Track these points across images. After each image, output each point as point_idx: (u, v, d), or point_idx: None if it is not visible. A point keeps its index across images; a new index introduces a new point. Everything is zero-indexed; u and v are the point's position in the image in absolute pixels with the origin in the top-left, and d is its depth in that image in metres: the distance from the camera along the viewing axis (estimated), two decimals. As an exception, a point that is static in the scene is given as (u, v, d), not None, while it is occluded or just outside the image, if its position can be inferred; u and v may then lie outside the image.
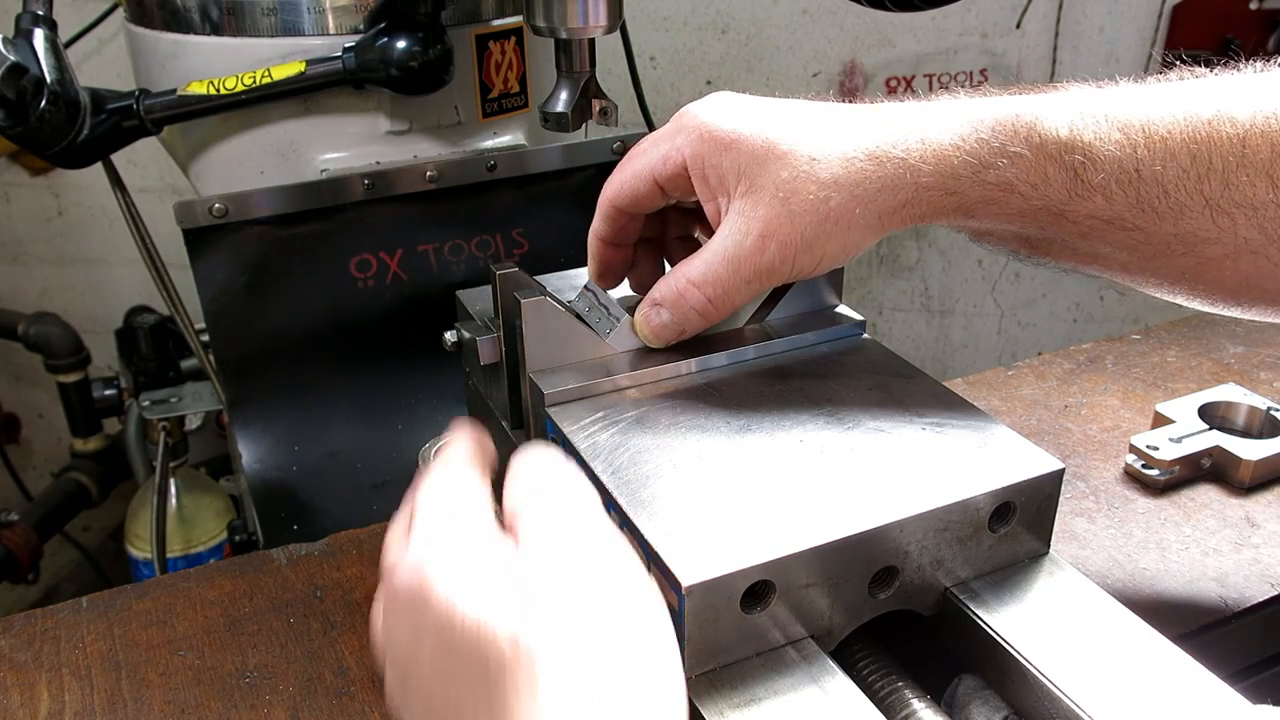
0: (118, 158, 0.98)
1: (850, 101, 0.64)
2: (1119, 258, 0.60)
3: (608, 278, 0.70)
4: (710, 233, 0.63)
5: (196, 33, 0.92)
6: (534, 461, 0.50)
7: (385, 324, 1.01)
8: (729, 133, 0.61)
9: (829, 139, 0.60)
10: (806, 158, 0.59)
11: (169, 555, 1.32)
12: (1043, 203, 0.58)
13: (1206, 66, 0.60)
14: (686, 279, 0.63)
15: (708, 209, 0.63)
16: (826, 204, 0.59)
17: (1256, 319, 0.62)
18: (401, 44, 0.88)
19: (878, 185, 0.59)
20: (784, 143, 0.60)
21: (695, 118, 0.62)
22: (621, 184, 0.66)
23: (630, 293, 0.72)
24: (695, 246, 0.65)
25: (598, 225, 0.68)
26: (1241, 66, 0.59)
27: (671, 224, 0.72)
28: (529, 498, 0.48)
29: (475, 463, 0.51)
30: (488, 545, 0.46)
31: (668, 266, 0.71)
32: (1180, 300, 0.63)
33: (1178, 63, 0.61)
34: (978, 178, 0.58)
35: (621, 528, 0.54)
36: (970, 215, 0.60)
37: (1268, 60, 0.59)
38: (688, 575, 0.49)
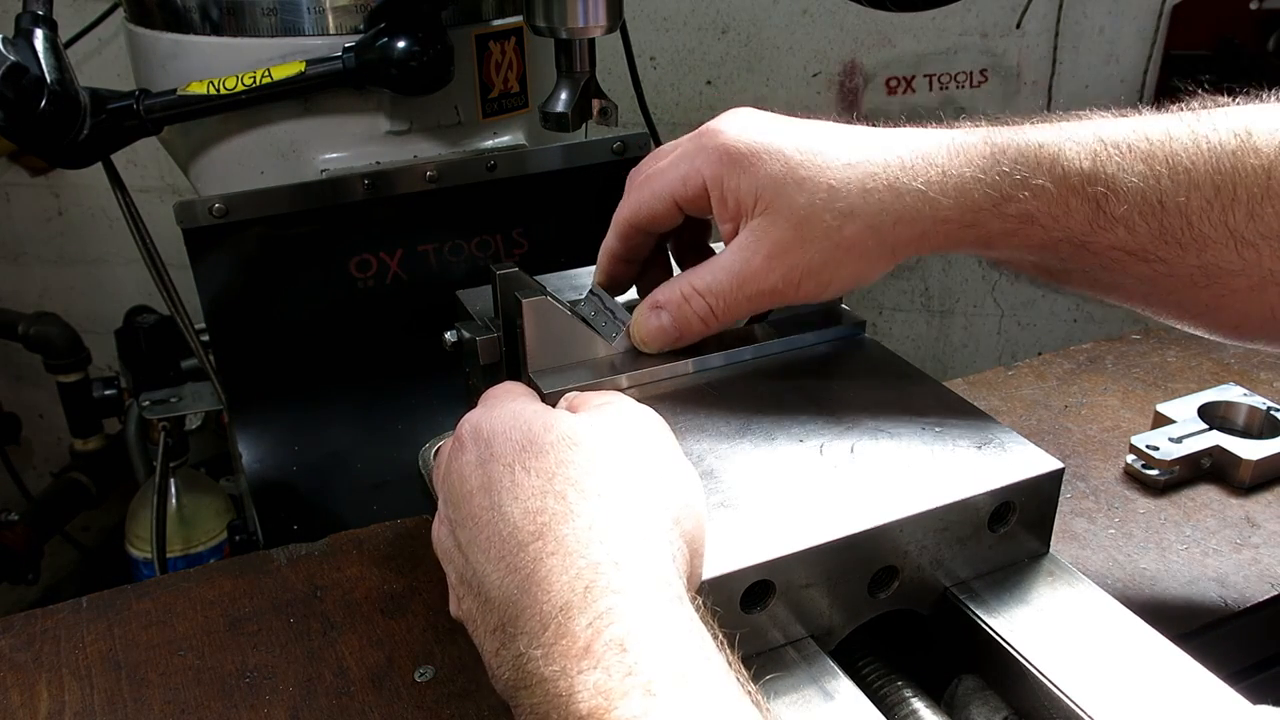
0: (118, 158, 0.98)
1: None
2: (1140, 289, 0.60)
3: (614, 287, 0.70)
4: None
5: (196, 33, 0.92)
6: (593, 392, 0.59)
7: (385, 324, 1.01)
8: (748, 154, 0.60)
9: (849, 166, 0.59)
10: (825, 186, 0.59)
11: (169, 555, 1.32)
12: (1063, 234, 0.57)
13: (1229, 95, 0.59)
14: (691, 285, 0.63)
15: (724, 230, 0.63)
16: (840, 233, 0.59)
17: None
18: (402, 44, 0.88)
19: (894, 218, 0.58)
20: (804, 168, 0.59)
21: (715, 137, 0.62)
22: (640, 204, 0.65)
23: (635, 296, 0.72)
24: (705, 253, 0.65)
25: (612, 243, 0.68)
26: (1264, 95, 0.58)
27: (687, 232, 0.71)
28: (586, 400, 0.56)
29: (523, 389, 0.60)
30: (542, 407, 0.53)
31: (675, 270, 0.71)
32: (1202, 333, 0.62)
33: (1200, 91, 0.60)
34: (998, 210, 0.58)
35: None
36: (989, 246, 0.60)
37: None
38: (688, 575, 0.49)
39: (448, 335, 0.73)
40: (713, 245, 0.72)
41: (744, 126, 0.62)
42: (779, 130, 0.61)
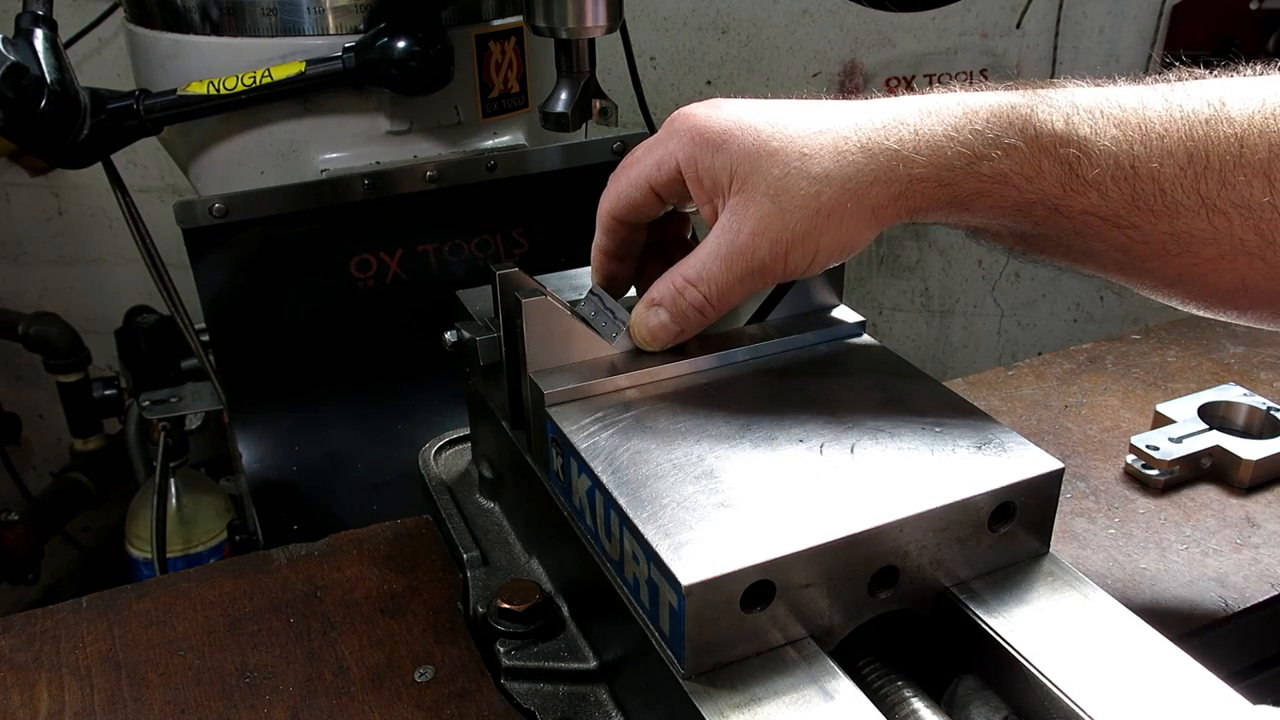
0: (118, 158, 0.98)
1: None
2: (1114, 257, 0.60)
3: (613, 288, 0.70)
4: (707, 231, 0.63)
5: (196, 33, 0.93)
6: None
7: (385, 324, 1.01)
8: (720, 133, 0.61)
9: (820, 134, 0.60)
10: (797, 154, 0.59)
11: (169, 555, 1.32)
12: (1037, 196, 0.58)
13: (1206, 68, 0.60)
14: (683, 277, 0.63)
15: (704, 211, 0.63)
16: (818, 199, 0.59)
17: (1252, 324, 0.61)
18: (402, 44, 0.88)
19: (870, 178, 0.59)
20: (775, 139, 0.60)
21: (686, 120, 0.62)
22: (618, 194, 0.65)
23: (636, 295, 0.72)
24: (692, 246, 0.65)
25: (600, 239, 0.68)
26: (1241, 68, 0.59)
27: (669, 226, 0.72)
28: None
29: None
30: None
31: None
32: (1175, 303, 0.62)
33: (1177, 64, 0.61)
34: (971, 169, 0.58)
35: (621, 527, 0.54)
36: (964, 208, 0.60)
37: (1267, 62, 0.59)
38: (688, 575, 0.49)
39: (448, 335, 0.73)
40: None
41: (714, 108, 0.62)
42: (748, 109, 0.62)
